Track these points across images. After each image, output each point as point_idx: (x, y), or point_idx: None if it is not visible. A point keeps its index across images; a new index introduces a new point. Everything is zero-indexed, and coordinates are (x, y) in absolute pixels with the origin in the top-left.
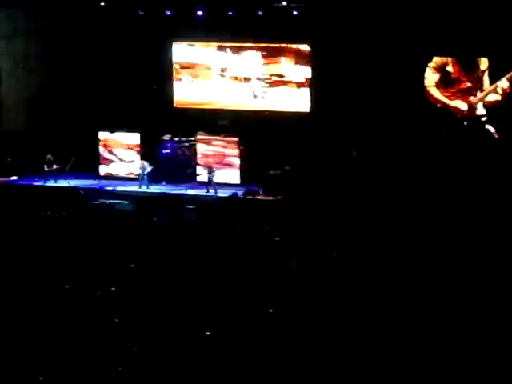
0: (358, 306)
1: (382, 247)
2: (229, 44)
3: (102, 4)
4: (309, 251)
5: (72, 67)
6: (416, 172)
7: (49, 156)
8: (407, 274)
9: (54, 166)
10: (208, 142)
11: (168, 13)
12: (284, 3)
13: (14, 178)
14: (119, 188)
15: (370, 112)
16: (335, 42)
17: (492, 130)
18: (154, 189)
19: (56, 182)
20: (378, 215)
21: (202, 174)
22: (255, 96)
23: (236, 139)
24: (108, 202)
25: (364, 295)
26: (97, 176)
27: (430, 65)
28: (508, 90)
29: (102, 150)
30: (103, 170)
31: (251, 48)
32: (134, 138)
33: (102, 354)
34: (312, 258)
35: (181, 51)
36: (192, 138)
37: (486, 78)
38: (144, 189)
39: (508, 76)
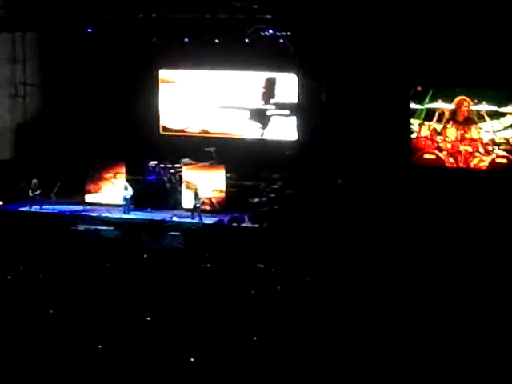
0: (343, 332)
1: (367, 273)
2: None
3: (89, 30)
4: (293, 278)
5: (60, 94)
6: (399, 200)
7: (34, 181)
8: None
9: (39, 191)
10: (194, 169)
11: (155, 40)
12: (271, 31)
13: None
14: (104, 214)
15: (356, 140)
16: (323, 71)
17: None
18: (139, 215)
19: (41, 208)
20: (362, 242)
21: (187, 201)
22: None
23: (222, 166)
24: (93, 227)
25: (350, 322)
26: (82, 202)
27: None
28: None
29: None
30: (89, 196)
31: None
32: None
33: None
34: (296, 285)
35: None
36: (178, 165)
37: None
38: (128, 215)
39: None
